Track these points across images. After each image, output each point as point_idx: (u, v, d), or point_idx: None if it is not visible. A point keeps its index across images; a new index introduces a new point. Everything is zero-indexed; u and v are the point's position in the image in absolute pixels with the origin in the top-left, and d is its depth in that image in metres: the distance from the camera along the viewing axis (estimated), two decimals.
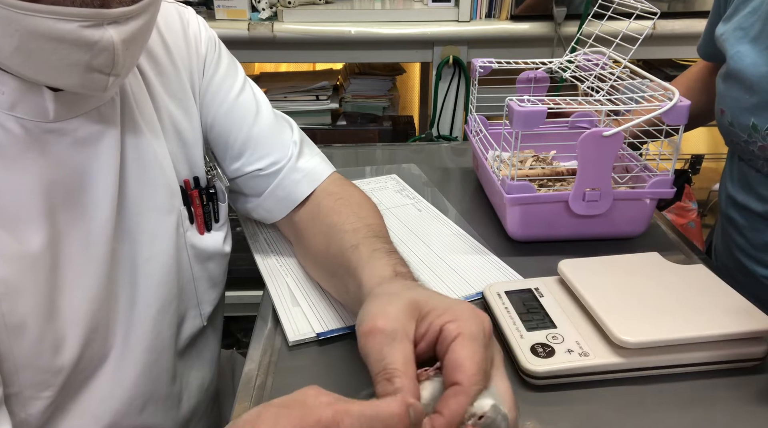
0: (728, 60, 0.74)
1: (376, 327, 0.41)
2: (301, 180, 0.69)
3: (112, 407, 0.59)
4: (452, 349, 0.40)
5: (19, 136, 0.49)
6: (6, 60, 0.45)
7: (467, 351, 0.40)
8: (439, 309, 0.42)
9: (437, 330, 0.41)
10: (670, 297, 0.59)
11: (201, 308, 0.69)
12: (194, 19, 0.68)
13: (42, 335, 0.51)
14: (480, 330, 0.41)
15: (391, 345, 0.40)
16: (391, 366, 0.39)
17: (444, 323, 0.41)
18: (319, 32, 1.50)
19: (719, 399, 0.54)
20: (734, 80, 0.73)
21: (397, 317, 0.42)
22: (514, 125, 0.70)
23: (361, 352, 0.42)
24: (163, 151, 0.61)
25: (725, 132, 0.78)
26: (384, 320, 0.41)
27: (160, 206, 0.61)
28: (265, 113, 0.70)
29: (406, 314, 0.42)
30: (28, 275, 0.50)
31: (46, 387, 0.53)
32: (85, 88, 0.48)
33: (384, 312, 0.42)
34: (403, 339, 0.40)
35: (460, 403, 0.38)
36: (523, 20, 1.54)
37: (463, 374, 0.39)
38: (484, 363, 0.40)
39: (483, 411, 0.38)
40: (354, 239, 0.59)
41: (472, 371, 0.39)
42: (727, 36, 0.76)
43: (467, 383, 0.38)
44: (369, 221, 0.63)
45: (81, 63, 0.45)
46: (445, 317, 0.42)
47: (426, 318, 0.42)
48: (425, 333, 0.42)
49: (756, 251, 0.79)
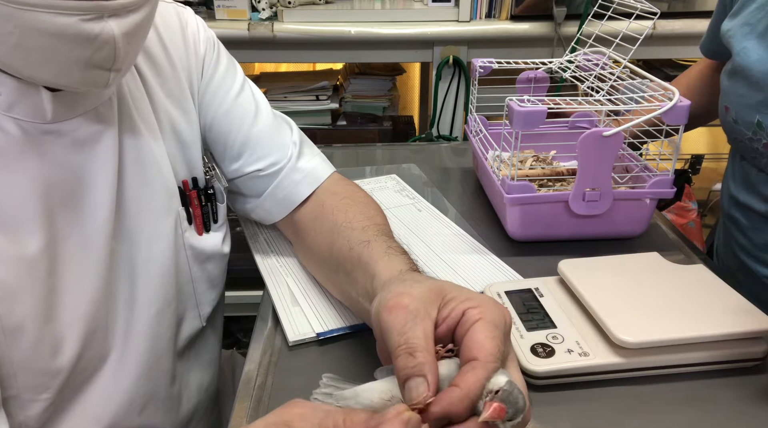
0: (734, 56, 0.74)
1: (401, 303, 0.42)
2: (302, 181, 0.69)
3: (112, 408, 0.59)
4: (473, 330, 0.40)
5: (16, 137, 0.48)
6: (6, 59, 0.44)
7: (487, 332, 0.40)
8: (462, 296, 0.43)
9: (459, 314, 0.42)
10: (670, 297, 0.59)
11: (200, 308, 0.69)
12: (193, 20, 0.67)
13: (40, 337, 0.51)
14: (501, 318, 0.42)
15: (414, 320, 0.41)
16: (413, 341, 0.39)
17: (466, 308, 0.42)
18: (319, 32, 1.50)
19: (719, 399, 0.54)
20: (740, 77, 0.73)
21: (421, 298, 0.42)
22: (514, 125, 0.70)
23: (382, 327, 0.42)
24: (161, 151, 0.61)
25: (729, 130, 0.77)
26: (409, 298, 0.42)
27: (158, 207, 0.60)
28: (264, 113, 0.70)
29: (431, 296, 0.43)
30: (26, 278, 0.49)
31: (45, 390, 0.52)
32: (86, 86, 0.48)
33: (409, 292, 0.43)
34: (425, 318, 0.41)
35: (478, 376, 0.38)
36: (523, 20, 1.54)
37: (481, 350, 0.39)
38: (503, 346, 0.41)
39: (499, 385, 0.38)
40: (364, 236, 0.59)
41: (491, 348, 0.39)
42: (733, 32, 0.75)
43: (485, 358, 0.39)
44: (377, 220, 0.63)
45: (82, 59, 0.45)
46: (467, 303, 0.42)
47: (449, 304, 0.43)
48: (446, 317, 0.42)
49: (758, 251, 0.78)
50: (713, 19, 0.88)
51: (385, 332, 0.42)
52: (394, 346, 0.40)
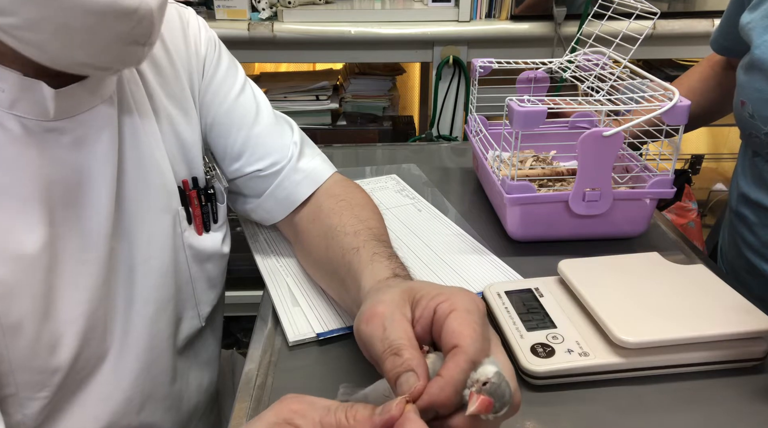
0: (753, 50, 0.73)
1: (376, 312, 0.42)
2: (302, 181, 0.69)
3: (110, 407, 0.59)
4: (447, 322, 0.40)
5: (18, 135, 0.49)
6: (45, 44, 0.44)
7: (461, 319, 0.40)
8: (432, 293, 0.43)
9: (431, 311, 0.42)
10: (670, 297, 0.59)
11: (199, 308, 0.69)
12: (194, 20, 0.68)
13: (38, 335, 0.51)
14: (474, 305, 0.42)
15: (392, 324, 0.41)
16: (396, 342, 0.39)
17: (437, 303, 0.42)
18: (319, 32, 1.50)
19: (719, 399, 0.54)
20: (758, 71, 0.72)
21: (392, 301, 0.43)
22: (514, 125, 0.70)
23: (363, 339, 0.43)
24: (161, 151, 0.61)
25: (744, 125, 0.76)
26: (382, 305, 0.43)
27: (157, 206, 0.61)
28: (265, 113, 0.70)
29: (402, 298, 0.43)
30: (25, 276, 0.49)
31: (43, 388, 0.52)
32: (122, 64, 0.49)
33: (382, 300, 0.44)
34: (401, 319, 0.42)
35: (459, 362, 0.38)
36: (523, 20, 1.53)
37: (459, 338, 0.39)
38: (482, 330, 0.40)
39: (487, 377, 0.37)
40: (355, 242, 0.59)
41: (468, 333, 0.39)
42: (753, 25, 0.74)
43: (465, 345, 0.38)
44: (370, 223, 0.63)
45: (123, 35, 0.46)
46: (438, 298, 0.42)
47: (420, 302, 0.43)
48: (420, 316, 0.42)
49: (766, 248, 0.78)
50: (727, 14, 0.87)
51: (367, 343, 0.42)
52: (379, 353, 0.40)
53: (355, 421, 0.35)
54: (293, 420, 0.35)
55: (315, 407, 0.36)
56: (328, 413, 0.35)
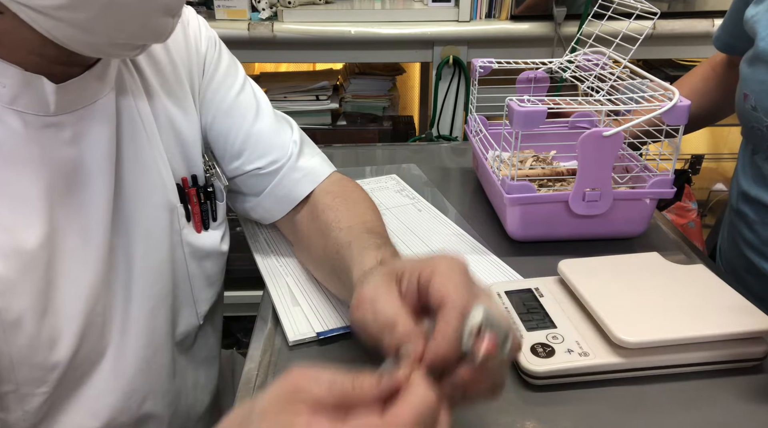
0: (757, 42, 0.73)
1: (364, 298, 0.43)
2: (301, 179, 0.69)
3: (110, 402, 0.59)
4: (431, 286, 0.41)
5: (18, 131, 0.49)
6: (92, 23, 0.45)
7: (443, 279, 0.40)
8: (414, 266, 0.43)
9: (416, 282, 0.42)
10: (670, 297, 0.59)
11: (197, 306, 0.69)
12: (194, 19, 0.68)
13: (38, 331, 0.51)
14: (454, 264, 0.42)
15: (381, 303, 0.42)
16: (389, 320, 0.40)
17: (419, 273, 0.42)
18: (319, 32, 1.50)
19: (719, 399, 0.54)
20: (762, 62, 0.72)
21: (377, 284, 0.43)
22: (514, 125, 0.70)
23: (358, 326, 0.43)
24: (159, 148, 0.61)
25: (747, 118, 0.77)
26: (368, 289, 0.43)
27: (155, 203, 0.61)
28: (265, 111, 0.70)
29: (386, 278, 0.44)
30: (25, 272, 0.49)
31: (42, 384, 0.52)
32: (156, 38, 0.50)
33: (367, 284, 0.44)
34: (389, 296, 0.42)
35: (448, 315, 0.38)
36: (523, 20, 1.53)
37: (445, 294, 0.39)
38: (465, 283, 0.41)
39: (476, 320, 0.37)
40: (348, 236, 0.59)
41: (453, 289, 0.39)
42: (759, 17, 0.75)
43: (450, 299, 0.39)
44: (365, 218, 0.63)
45: (162, 5, 0.47)
46: (419, 269, 0.43)
47: (403, 278, 0.43)
48: (406, 290, 0.43)
49: (765, 246, 0.78)
50: (731, 10, 0.87)
51: (362, 329, 0.43)
52: (375, 334, 0.41)
53: (361, 389, 0.35)
54: (299, 391, 0.35)
55: (321, 378, 0.35)
56: (335, 383, 0.35)
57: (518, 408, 0.53)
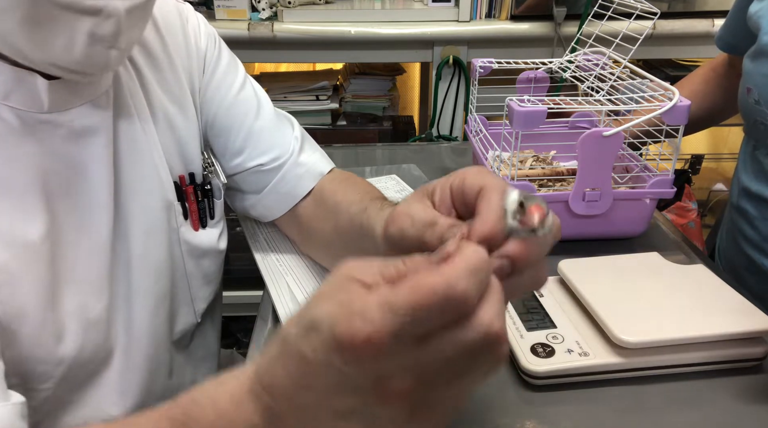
0: (761, 36, 0.74)
1: (398, 212, 0.42)
2: (304, 174, 0.69)
3: (116, 401, 0.59)
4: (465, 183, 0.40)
5: (14, 125, 0.49)
6: (10, 37, 0.44)
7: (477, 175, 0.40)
8: (443, 180, 0.43)
9: (448, 191, 0.42)
10: (670, 297, 0.59)
11: (195, 304, 0.69)
12: (193, 16, 0.68)
13: (43, 324, 0.51)
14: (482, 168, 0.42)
15: (417, 210, 0.41)
16: (430, 218, 0.40)
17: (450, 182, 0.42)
18: (319, 32, 1.50)
19: (719, 399, 0.54)
20: (766, 57, 0.73)
21: (410, 201, 0.43)
22: (514, 125, 0.70)
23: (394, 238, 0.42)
24: (156, 145, 0.61)
25: (749, 112, 0.77)
26: (401, 206, 0.43)
27: (152, 201, 0.61)
28: (266, 108, 0.70)
29: (418, 195, 0.44)
30: (28, 263, 0.49)
31: (48, 379, 0.52)
32: (88, 66, 0.48)
33: (397, 207, 0.44)
34: (424, 205, 0.42)
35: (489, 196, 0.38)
36: (523, 20, 1.53)
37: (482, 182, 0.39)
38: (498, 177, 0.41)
39: (517, 199, 0.36)
40: (361, 206, 0.59)
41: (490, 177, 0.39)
42: (763, 12, 0.76)
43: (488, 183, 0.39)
44: (374, 194, 0.64)
45: (85, 31, 0.45)
46: (449, 179, 0.42)
47: (435, 191, 0.43)
48: (440, 201, 0.42)
49: (766, 243, 0.79)
50: (734, 9, 0.87)
51: (401, 240, 0.42)
52: (415, 239, 0.40)
53: (413, 264, 0.35)
54: (353, 275, 0.35)
55: (372, 262, 0.35)
56: (387, 265, 0.35)
57: (518, 408, 0.53)
